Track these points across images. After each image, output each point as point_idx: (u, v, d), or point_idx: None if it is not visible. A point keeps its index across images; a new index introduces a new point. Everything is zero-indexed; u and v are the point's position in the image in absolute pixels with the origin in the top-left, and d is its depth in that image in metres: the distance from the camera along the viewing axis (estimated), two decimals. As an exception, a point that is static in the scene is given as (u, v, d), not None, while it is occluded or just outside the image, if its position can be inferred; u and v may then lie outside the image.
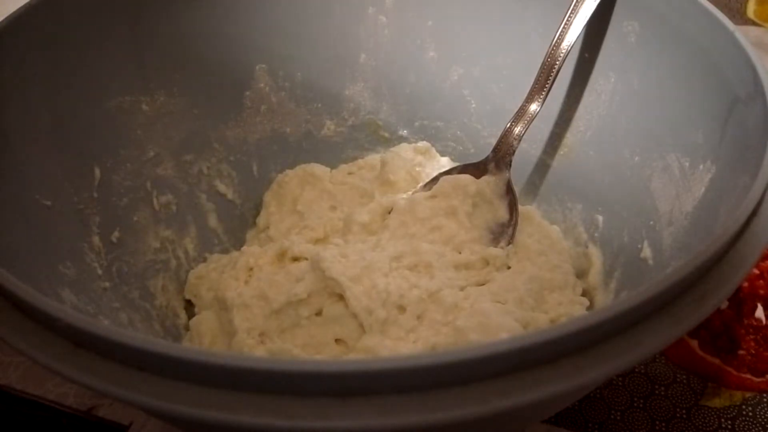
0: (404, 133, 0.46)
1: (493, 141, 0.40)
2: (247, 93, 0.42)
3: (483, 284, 0.35)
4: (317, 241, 0.39)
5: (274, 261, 0.37)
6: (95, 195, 0.34)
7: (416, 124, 0.46)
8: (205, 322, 0.36)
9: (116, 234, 0.35)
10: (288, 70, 0.43)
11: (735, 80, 0.28)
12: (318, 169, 0.44)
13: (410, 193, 0.41)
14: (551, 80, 0.37)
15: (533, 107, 0.38)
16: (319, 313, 0.34)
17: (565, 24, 0.36)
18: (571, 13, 0.35)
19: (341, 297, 0.34)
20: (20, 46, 0.30)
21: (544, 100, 0.38)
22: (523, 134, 0.39)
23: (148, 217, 0.38)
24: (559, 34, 0.36)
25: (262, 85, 0.43)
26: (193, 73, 0.39)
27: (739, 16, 0.58)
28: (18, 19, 0.30)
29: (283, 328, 0.34)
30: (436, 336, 0.32)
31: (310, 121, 0.45)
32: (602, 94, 0.37)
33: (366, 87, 0.45)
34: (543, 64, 0.37)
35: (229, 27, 0.40)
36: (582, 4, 0.35)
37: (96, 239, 0.33)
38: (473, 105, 0.44)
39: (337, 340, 0.34)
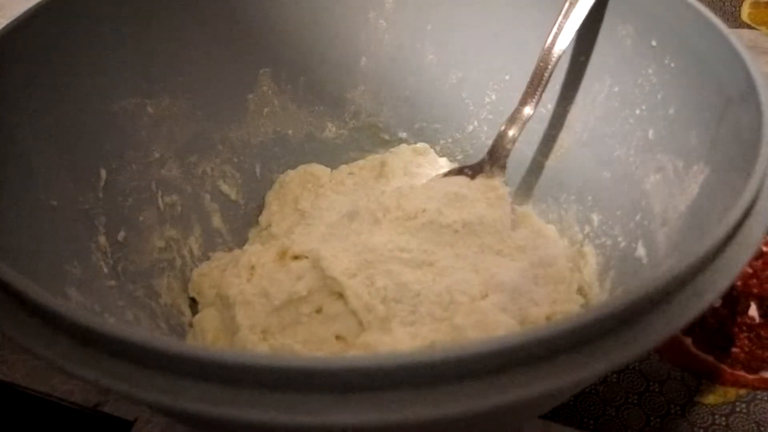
0: (404, 135, 0.47)
1: (491, 143, 0.41)
2: (251, 96, 0.43)
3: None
4: (317, 238, 0.40)
5: (275, 259, 0.37)
6: (101, 195, 0.34)
7: (416, 126, 0.47)
8: (207, 319, 0.36)
9: (122, 234, 0.35)
10: (290, 73, 0.44)
11: (729, 82, 0.28)
12: (318, 169, 0.45)
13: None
14: (543, 84, 0.37)
15: (527, 110, 0.38)
16: (319, 311, 0.35)
17: (557, 29, 0.36)
18: (562, 18, 0.36)
19: (341, 295, 0.34)
20: (27, 49, 0.30)
21: (537, 103, 0.38)
22: (518, 137, 0.39)
23: (153, 217, 0.38)
24: (551, 40, 0.36)
25: (265, 88, 0.43)
26: (198, 77, 0.39)
27: (733, 19, 0.59)
28: (24, 22, 0.30)
29: (284, 325, 0.34)
30: (435, 333, 0.32)
31: (311, 124, 0.46)
32: (598, 97, 0.37)
33: (367, 90, 0.45)
34: (536, 68, 0.37)
35: (232, 31, 0.40)
36: (574, 8, 0.35)
37: (102, 239, 0.33)
38: (471, 108, 0.45)
39: (337, 337, 0.34)
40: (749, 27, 0.58)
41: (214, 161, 0.42)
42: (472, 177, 0.41)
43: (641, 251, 0.33)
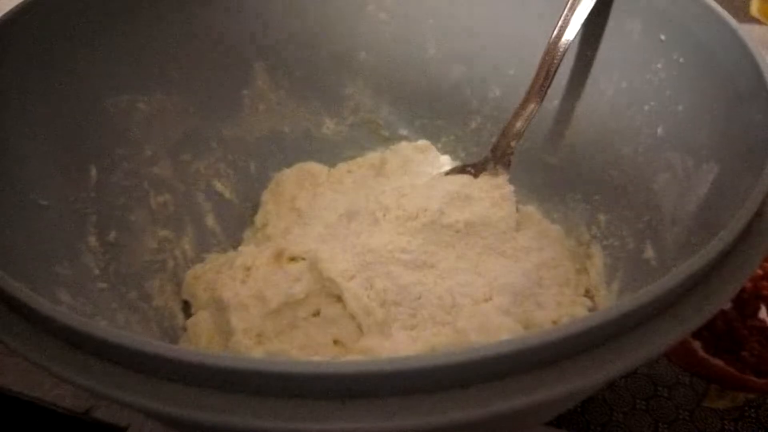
0: (404, 132, 0.46)
1: (494, 140, 0.40)
2: (246, 91, 0.42)
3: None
4: (315, 239, 0.39)
5: (271, 261, 0.37)
6: (92, 195, 0.34)
7: (416, 122, 0.46)
8: (201, 322, 0.36)
9: (113, 234, 0.35)
10: (287, 68, 0.43)
11: (738, 78, 0.27)
12: (316, 167, 0.44)
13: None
14: (549, 80, 0.37)
15: (531, 107, 0.38)
16: (316, 314, 0.34)
17: (563, 23, 0.35)
18: (568, 11, 0.35)
19: (339, 298, 0.34)
20: (17, 45, 0.30)
21: (542, 100, 0.37)
22: (522, 133, 0.39)
23: (146, 217, 0.37)
24: (557, 34, 0.36)
25: (260, 83, 0.42)
26: (191, 72, 0.39)
27: (742, 14, 0.58)
28: (14, 17, 0.30)
29: (280, 329, 0.34)
30: (436, 337, 0.32)
31: (309, 120, 0.45)
32: (604, 93, 0.37)
33: (366, 85, 0.45)
34: (540, 63, 0.37)
35: (227, 24, 0.39)
36: (579, 2, 0.35)
37: (93, 239, 0.33)
38: (474, 104, 0.44)
39: (335, 341, 0.34)
40: (758, 22, 0.57)
41: (208, 159, 0.41)
42: (476, 175, 0.40)
43: (650, 252, 0.33)
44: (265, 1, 0.40)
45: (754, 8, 0.57)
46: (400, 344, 0.31)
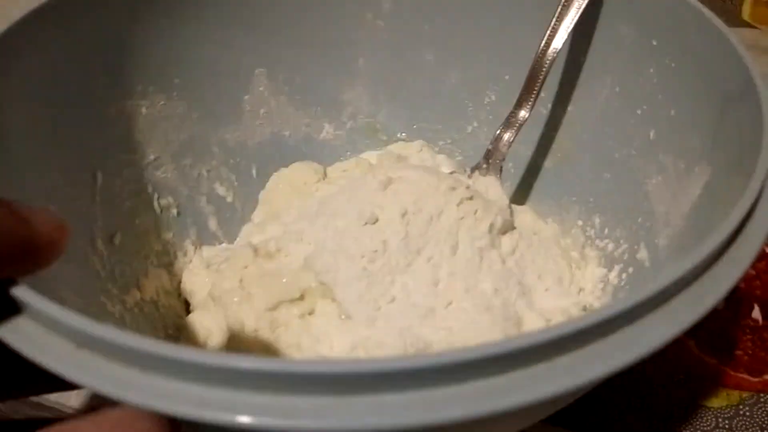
0: (402, 135, 0.47)
1: (488, 145, 0.41)
2: (247, 97, 0.43)
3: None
4: (311, 238, 0.39)
5: (267, 260, 0.37)
6: (97, 198, 0.34)
7: (414, 126, 0.46)
8: (199, 320, 0.36)
9: (118, 237, 0.35)
10: (287, 74, 0.43)
11: (729, 82, 0.28)
12: (312, 166, 0.45)
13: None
14: (538, 88, 0.37)
15: (522, 113, 0.38)
16: (312, 313, 0.34)
17: (552, 29, 0.36)
18: (556, 19, 0.36)
19: (334, 297, 0.34)
20: (22, 52, 0.30)
21: (533, 106, 0.38)
22: (513, 140, 0.39)
23: (150, 221, 0.38)
24: (545, 42, 0.36)
25: (261, 88, 0.43)
26: (193, 77, 0.39)
27: (734, 18, 0.59)
28: (20, 24, 0.30)
29: (276, 327, 0.34)
30: (431, 335, 0.32)
31: (309, 125, 0.45)
32: (598, 97, 0.37)
33: (364, 91, 0.45)
34: (530, 70, 0.37)
35: (228, 31, 0.40)
36: (568, 10, 0.35)
37: (98, 242, 0.33)
38: (470, 108, 0.44)
39: (331, 340, 0.34)
40: (750, 26, 0.58)
41: (209, 163, 0.42)
42: (469, 178, 0.41)
43: (643, 253, 0.33)
44: (267, 9, 0.41)
45: (746, 13, 0.57)
46: (396, 343, 0.32)
